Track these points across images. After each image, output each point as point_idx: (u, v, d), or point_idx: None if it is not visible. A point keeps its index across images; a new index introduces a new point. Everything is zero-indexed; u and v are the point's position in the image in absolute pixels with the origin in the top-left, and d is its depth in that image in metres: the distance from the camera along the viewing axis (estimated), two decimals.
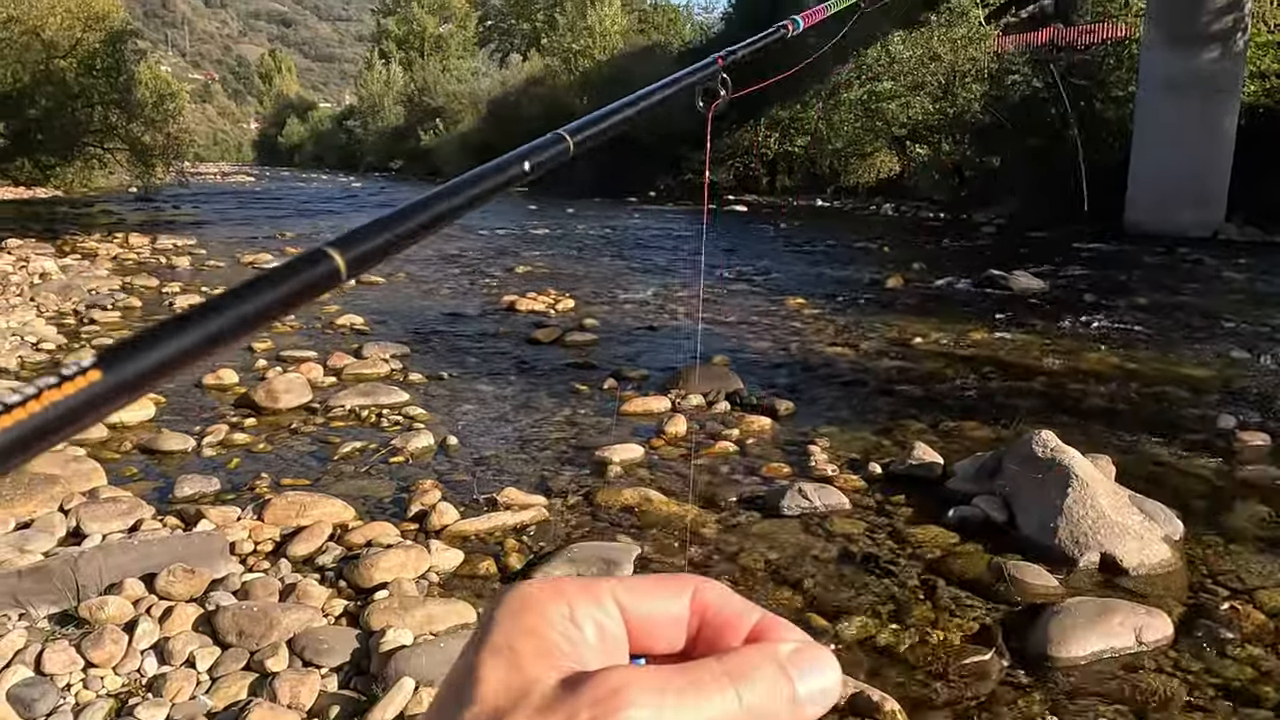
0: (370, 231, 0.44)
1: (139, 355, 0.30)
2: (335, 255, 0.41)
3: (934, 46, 18.96)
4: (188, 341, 0.32)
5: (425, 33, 63.62)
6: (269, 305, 0.36)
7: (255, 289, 0.36)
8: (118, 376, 0.29)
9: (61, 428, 0.27)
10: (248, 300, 0.35)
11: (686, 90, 0.99)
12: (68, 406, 0.27)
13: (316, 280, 0.39)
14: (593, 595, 0.31)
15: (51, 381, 0.27)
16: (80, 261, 10.07)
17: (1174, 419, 4.42)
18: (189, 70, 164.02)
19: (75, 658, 2.22)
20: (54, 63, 21.23)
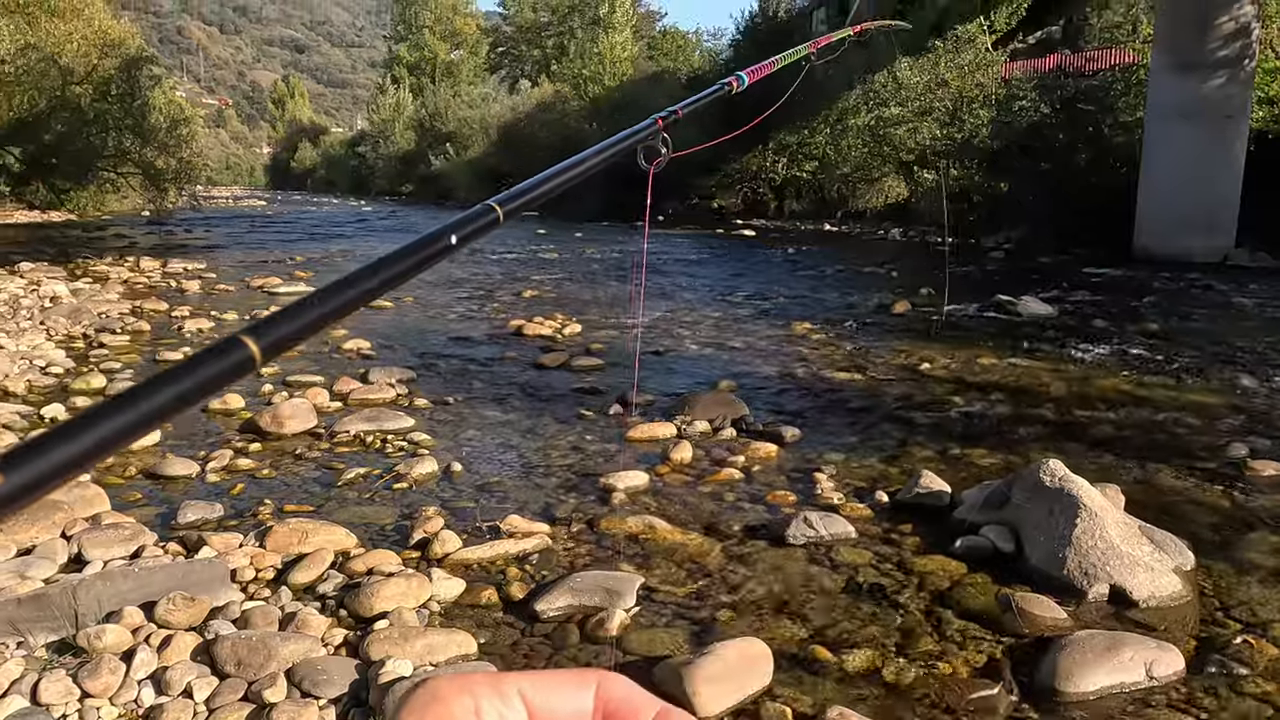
0: (282, 319, 0.44)
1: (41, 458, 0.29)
2: (250, 343, 0.40)
3: (941, 72, 19.04)
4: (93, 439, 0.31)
5: (437, 59, 64.31)
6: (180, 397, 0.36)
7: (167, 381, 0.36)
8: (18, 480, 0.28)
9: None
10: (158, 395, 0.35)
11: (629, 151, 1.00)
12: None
13: (231, 368, 0.39)
14: (498, 690, 0.32)
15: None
16: (91, 285, 10.14)
17: (1184, 447, 4.38)
18: (203, 95, 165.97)
19: (72, 687, 2.21)
20: (70, 89, 21.50)
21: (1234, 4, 13.38)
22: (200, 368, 0.37)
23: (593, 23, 41.71)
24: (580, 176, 0.81)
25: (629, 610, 2.71)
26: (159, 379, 0.36)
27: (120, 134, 22.60)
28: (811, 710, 2.23)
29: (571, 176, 0.79)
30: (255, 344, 0.40)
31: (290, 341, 0.43)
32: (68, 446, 0.30)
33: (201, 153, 25.69)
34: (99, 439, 0.31)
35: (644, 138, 1.03)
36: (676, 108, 1.17)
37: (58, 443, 0.30)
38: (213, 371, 0.38)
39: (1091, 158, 16.28)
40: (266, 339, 0.41)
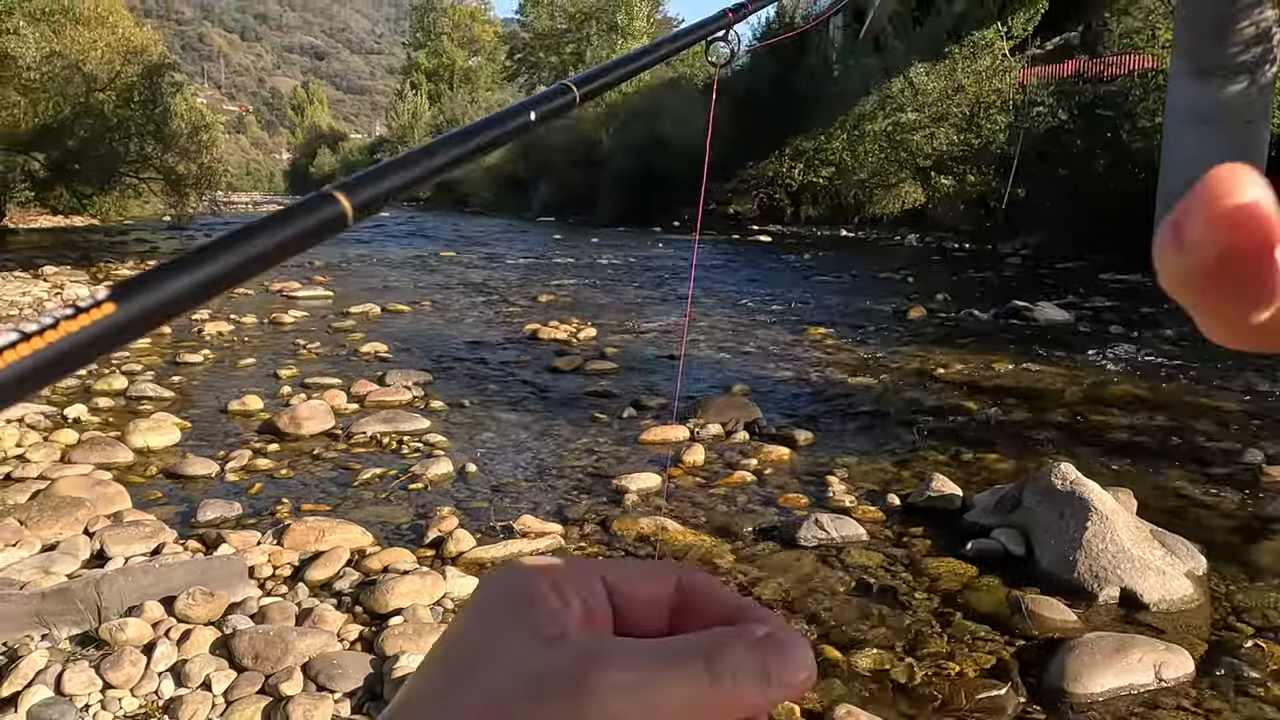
0: (376, 175, 0.44)
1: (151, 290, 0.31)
2: (342, 199, 0.41)
3: (958, 78, 18.99)
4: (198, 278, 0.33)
5: (455, 65, 64.67)
6: (275, 246, 0.37)
7: (262, 229, 0.37)
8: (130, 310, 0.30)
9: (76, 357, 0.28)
10: (255, 240, 0.36)
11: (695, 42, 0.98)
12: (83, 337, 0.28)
13: (323, 223, 0.40)
14: (580, 573, 0.32)
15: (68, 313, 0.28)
16: None
17: (1198, 452, 4.37)
18: (224, 102, 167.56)
19: (94, 679, 2.25)
20: (94, 95, 21.77)
21: (1254, 9, 13.29)
22: (295, 219, 0.38)
23: (610, 29, 41.89)
24: (649, 65, 0.82)
25: None
26: (256, 226, 0.37)
27: (142, 140, 22.85)
28: (820, 709, 2.25)
29: (640, 65, 0.81)
30: (347, 199, 0.41)
31: (380, 200, 0.44)
32: (175, 281, 0.32)
33: (222, 158, 25.93)
34: (202, 277, 0.33)
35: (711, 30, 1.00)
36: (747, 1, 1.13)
37: (166, 277, 0.32)
38: (308, 223, 0.39)
39: (1110, 163, 16.20)
40: (358, 196, 0.42)
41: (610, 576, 0.33)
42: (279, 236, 0.37)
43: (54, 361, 0.27)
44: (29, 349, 0.26)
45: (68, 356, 0.28)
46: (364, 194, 0.42)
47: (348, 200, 0.41)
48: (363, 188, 0.42)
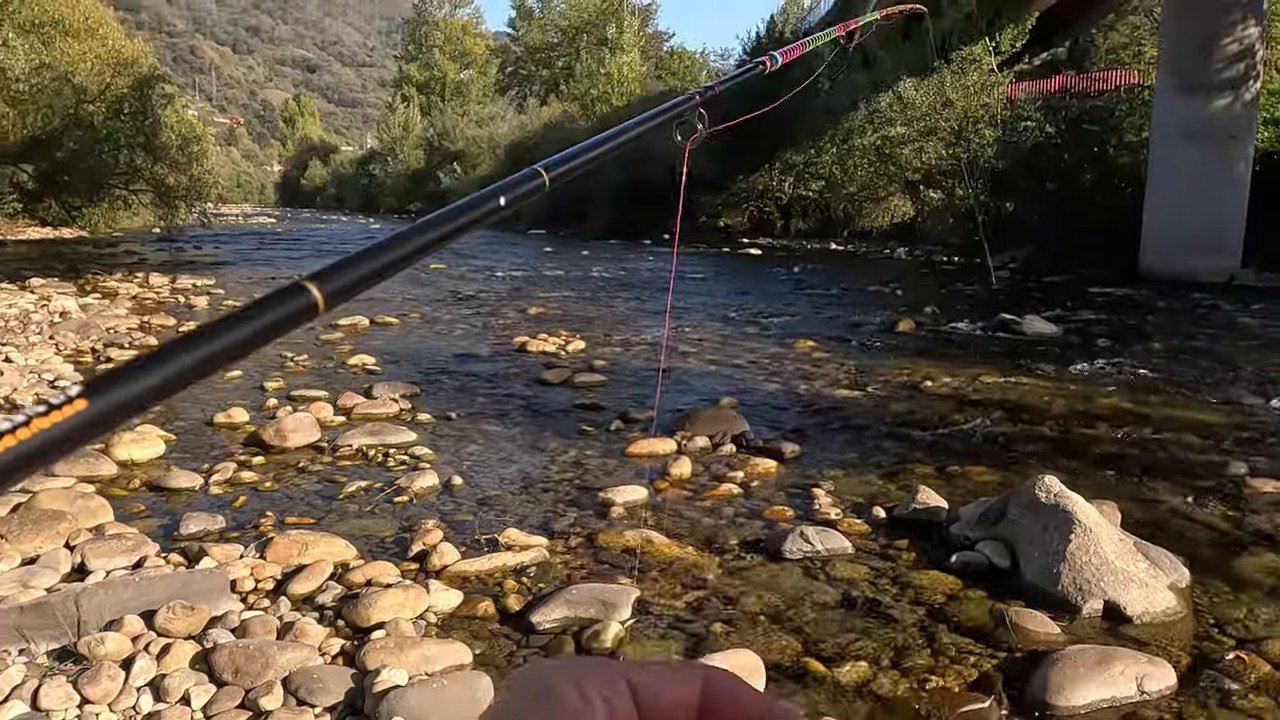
0: (346, 266, 0.45)
1: (122, 386, 0.31)
2: (313, 289, 0.41)
3: (946, 92, 19.14)
4: (168, 373, 0.33)
5: (446, 78, 64.84)
6: (245, 339, 0.37)
7: (232, 324, 0.37)
8: (101, 405, 0.31)
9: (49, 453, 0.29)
10: (227, 334, 0.36)
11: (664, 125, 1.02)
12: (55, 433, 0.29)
13: (294, 314, 0.40)
14: (606, 674, 0.32)
15: (40, 410, 0.29)
16: (100, 300, 10.23)
17: (1183, 465, 4.39)
18: (215, 114, 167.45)
19: (72, 694, 2.23)
20: (83, 107, 21.75)
21: (1238, 25, 13.45)
22: (266, 311, 0.39)
23: (600, 43, 42.08)
24: (620, 147, 0.84)
25: (624, 622, 2.72)
26: (227, 320, 0.37)
27: (132, 151, 22.83)
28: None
29: (612, 146, 0.82)
30: (319, 290, 0.42)
31: (350, 290, 0.44)
32: (145, 378, 0.33)
33: (212, 170, 25.91)
34: (172, 372, 0.34)
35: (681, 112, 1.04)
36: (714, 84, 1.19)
37: (136, 374, 0.32)
38: (278, 315, 0.40)
39: (1097, 178, 16.33)
40: (329, 285, 0.43)
41: (635, 678, 0.33)
42: (249, 329, 0.38)
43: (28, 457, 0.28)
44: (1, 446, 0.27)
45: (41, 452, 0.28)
46: (335, 283, 0.43)
47: (319, 290, 0.42)
48: (334, 277, 0.43)
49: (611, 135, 0.83)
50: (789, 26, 32.05)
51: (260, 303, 0.39)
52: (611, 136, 0.83)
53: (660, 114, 1.00)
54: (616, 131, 0.85)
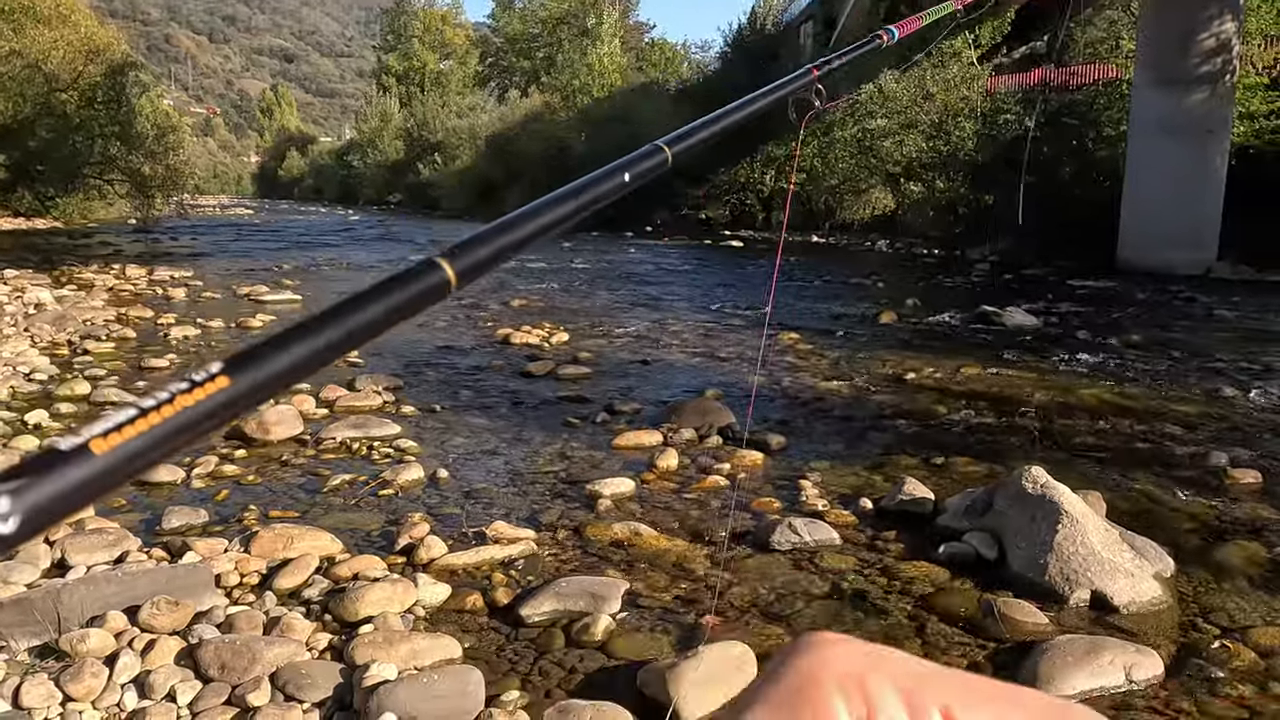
0: (477, 242, 0.45)
1: (263, 363, 0.31)
2: (446, 266, 0.41)
3: (927, 85, 19.20)
4: (308, 349, 0.33)
5: (425, 69, 64.40)
6: (381, 315, 0.37)
7: (368, 299, 0.37)
8: (243, 383, 0.30)
9: (191, 430, 0.28)
10: (362, 311, 0.36)
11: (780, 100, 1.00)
12: (198, 411, 0.28)
13: (428, 291, 0.40)
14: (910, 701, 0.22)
15: (183, 387, 0.28)
16: (76, 292, 10.09)
17: (1165, 456, 4.43)
18: (191, 104, 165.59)
19: (54, 691, 2.20)
20: (55, 95, 21.42)
21: (1215, 20, 13.57)
22: (399, 289, 0.38)
23: (581, 34, 41.92)
24: (739, 122, 0.84)
25: (614, 615, 2.71)
26: (361, 296, 0.37)
27: (106, 141, 22.53)
28: None
29: (730, 123, 0.82)
30: (451, 267, 0.41)
31: (484, 266, 0.44)
32: (286, 353, 0.32)
33: (189, 161, 25.63)
34: (310, 350, 0.33)
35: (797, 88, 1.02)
36: (832, 57, 1.16)
37: (275, 351, 0.32)
38: (412, 293, 0.39)
39: (1076, 171, 16.44)
40: (462, 262, 0.42)
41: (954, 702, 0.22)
42: (385, 305, 0.37)
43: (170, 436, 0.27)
44: (146, 424, 0.27)
45: (183, 430, 0.28)
46: (467, 260, 0.43)
47: (451, 267, 0.41)
48: (465, 254, 0.43)
49: (730, 110, 0.83)
50: (770, 18, 32.06)
51: (393, 279, 0.39)
52: (729, 111, 0.83)
53: (777, 88, 0.97)
54: (735, 106, 0.85)
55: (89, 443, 0.25)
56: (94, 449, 0.25)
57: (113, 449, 0.26)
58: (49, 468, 0.25)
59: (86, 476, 0.25)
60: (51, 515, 0.25)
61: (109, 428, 0.26)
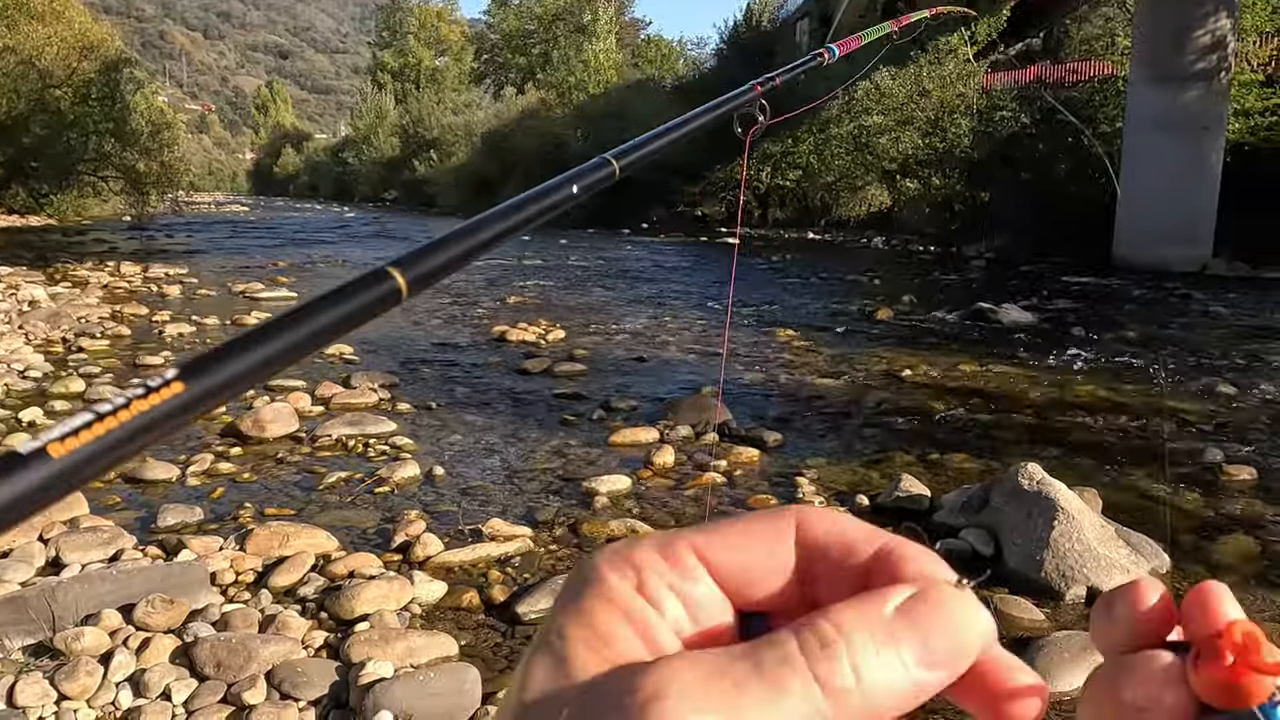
0: (430, 251, 0.45)
1: (217, 368, 0.32)
2: (397, 275, 0.42)
3: (923, 82, 19.20)
4: (260, 356, 0.34)
5: (421, 66, 64.29)
6: (332, 323, 0.38)
7: (321, 307, 0.37)
8: (197, 388, 0.31)
9: (147, 435, 0.29)
10: (312, 319, 0.37)
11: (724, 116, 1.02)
12: (153, 415, 0.29)
13: (379, 299, 0.41)
14: (668, 556, 0.25)
15: (139, 392, 0.29)
16: (70, 289, 10.05)
17: (1160, 452, 4.43)
18: (186, 101, 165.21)
19: (48, 690, 2.19)
20: (49, 92, 21.35)
21: (1210, 17, 13.59)
22: (351, 296, 0.39)
23: (577, 31, 41.88)
24: (683, 137, 0.85)
25: None
26: (313, 304, 0.37)
27: (101, 138, 22.46)
28: None
29: (675, 138, 0.83)
30: (402, 275, 0.42)
31: (435, 275, 0.45)
32: (239, 360, 0.33)
33: (184, 158, 25.55)
34: (264, 355, 0.34)
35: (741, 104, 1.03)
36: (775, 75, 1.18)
37: (231, 357, 0.32)
38: (363, 300, 0.39)
39: (1071, 168, 16.46)
40: (413, 271, 0.43)
41: (707, 550, 0.26)
42: (336, 314, 0.38)
43: (126, 440, 0.28)
44: (103, 429, 0.27)
45: (139, 434, 0.28)
46: (418, 269, 0.44)
47: (402, 276, 0.42)
48: (417, 263, 0.44)
49: (675, 125, 0.86)
50: (765, 15, 32.05)
51: (345, 288, 0.40)
52: (675, 126, 0.86)
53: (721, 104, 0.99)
54: (680, 122, 0.88)
55: (47, 446, 0.26)
56: (52, 453, 0.26)
57: (70, 453, 0.26)
58: (8, 471, 0.25)
59: (44, 479, 0.26)
60: (11, 518, 0.25)
61: (66, 432, 0.27)
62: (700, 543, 0.26)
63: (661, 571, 0.25)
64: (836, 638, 0.22)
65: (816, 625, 0.22)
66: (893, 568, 0.25)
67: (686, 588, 0.25)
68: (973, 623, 0.24)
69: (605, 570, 0.25)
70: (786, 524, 0.26)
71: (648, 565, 0.25)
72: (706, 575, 0.26)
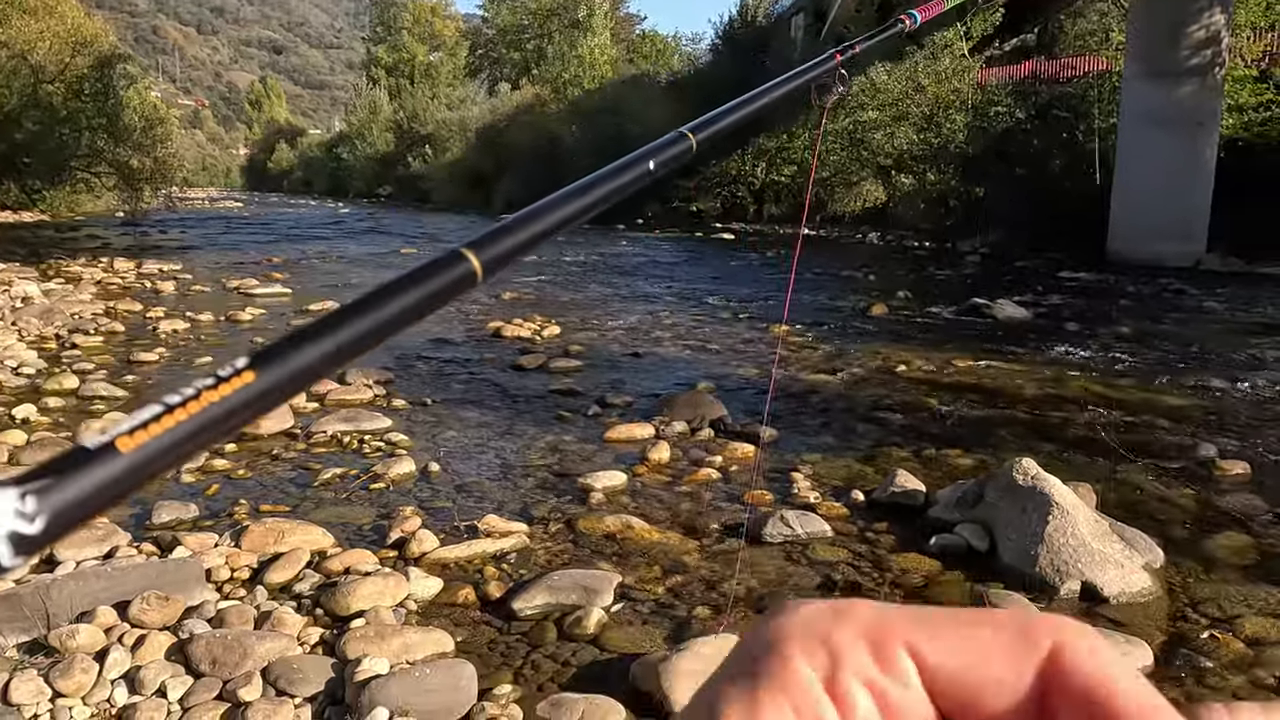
0: (503, 233, 0.45)
1: (289, 357, 0.31)
2: (471, 257, 0.41)
3: (918, 78, 19.20)
4: (334, 343, 0.33)
5: (415, 61, 64.11)
6: (409, 308, 0.37)
7: (393, 292, 0.37)
8: (269, 378, 0.30)
9: (219, 427, 0.28)
10: (388, 304, 0.36)
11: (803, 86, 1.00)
12: (225, 407, 0.28)
13: (454, 283, 0.40)
14: (876, 649, 0.21)
15: (209, 383, 0.28)
16: (64, 285, 10.02)
17: (1155, 447, 4.45)
18: (179, 96, 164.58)
19: (43, 687, 2.18)
20: (42, 87, 21.25)
21: (1204, 12, 13.60)
22: (426, 280, 0.38)
23: (572, 26, 41.78)
24: (763, 110, 0.84)
25: (607, 608, 2.71)
26: (388, 288, 0.36)
27: (94, 133, 22.36)
28: None
29: (754, 110, 0.82)
30: (476, 258, 0.41)
31: (509, 257, 0.44)
32: (311, 349, 0.32)
33: (177, 153, 25.45)
34: (337, 343, 0.33)
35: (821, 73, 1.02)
36: (854, 42, 1.17)
37: (302, 345, 0.32)
38: (439, 284, 0.39)
39: (1066, 163, 16.48)
40: (486, 254, 0.42)
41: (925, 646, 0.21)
42: (412, 297, 0.37)
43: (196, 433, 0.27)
44: (172, 421, 0.27)
45: (209, 427, 0.28)
46: (492, 251, 0.43)
47: (476, 258, 0.41)
48: (490, 245, 0.43)
49: (752, 96, 0.84)
50: (760, 10, 31.99)
51: (420, 271, 0.39)
52: (753, 98, 0.84)
53: (799, 74, 0.97)
54: (758, 93, 0.85)
55: (115, 440, 0.25)
56: (120, 447, 0.25)
57: (139, 446, 0.26)
58: (75, 467, 0.24)
59: (113, 475, 0.25)
60: (78, 515, 0.24)
61: (135, 425, 0.26)
62: (920, 638, 0.21)
63: (863, 667, 0.21)
64: None
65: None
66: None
67: (891, 690, 0.21)
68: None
69: (794, 651, 0.21)
70: (1035, 646, 0.21)
71: (848, 655, 0.21)
72: (917, 679, 0.21)
